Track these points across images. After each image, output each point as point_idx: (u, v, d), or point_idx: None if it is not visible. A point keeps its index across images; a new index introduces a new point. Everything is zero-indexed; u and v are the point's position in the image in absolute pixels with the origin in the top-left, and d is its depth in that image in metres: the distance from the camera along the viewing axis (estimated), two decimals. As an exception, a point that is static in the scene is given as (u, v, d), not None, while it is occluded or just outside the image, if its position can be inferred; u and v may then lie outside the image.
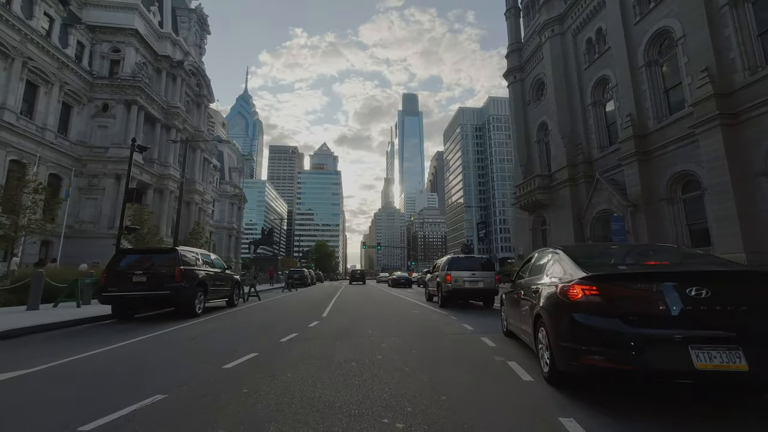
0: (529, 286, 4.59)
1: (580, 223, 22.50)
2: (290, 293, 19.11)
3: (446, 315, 9.59)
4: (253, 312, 9.88)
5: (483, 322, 8.13)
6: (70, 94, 31.59)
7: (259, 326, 7.58)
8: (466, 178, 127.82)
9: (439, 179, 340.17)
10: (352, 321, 8.23)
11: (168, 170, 38.57)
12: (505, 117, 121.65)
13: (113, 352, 5.28)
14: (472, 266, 11.71)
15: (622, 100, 19.56)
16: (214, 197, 77.77)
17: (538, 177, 25.97)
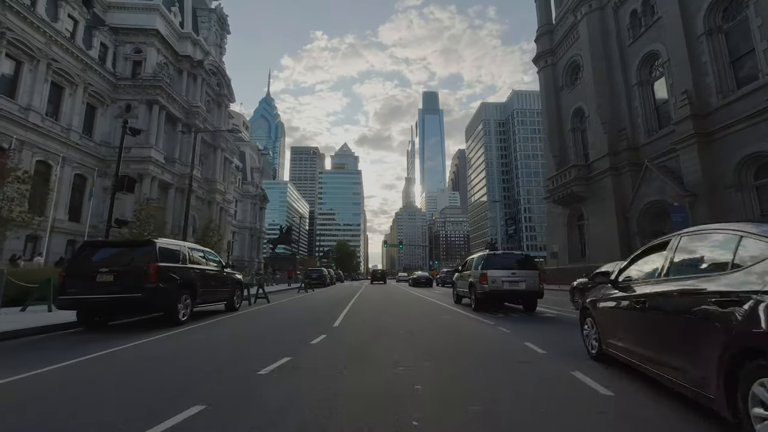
0: (704, 296, 2.45)
1: (625, 217, 20.21)
2: (306, 294, 17.71)
3: (490, 324, 7.67)
4: (253, 319, 8.36)
5: (546, 338, 6.15)
6: (94, 96, 32.00)
7: (246, 342, 5.89)
8: (489, 175, 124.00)
9: (461, 177, 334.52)
10: (370, 334, 6.47)
11: (187, 170, 38.59)
12: (530, 111, 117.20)
13: (32, 380, 3.70)
14: (510, 264, 10.17)
15: (676, 76, 17.21)
16: (237, 198, 78.76)
17: (574, 167, 23.75)
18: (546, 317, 8.98)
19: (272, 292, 17.72)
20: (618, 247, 19.91)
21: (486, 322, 8.02)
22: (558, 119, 28.08)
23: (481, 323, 7.90)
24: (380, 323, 7.73)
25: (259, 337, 6.31)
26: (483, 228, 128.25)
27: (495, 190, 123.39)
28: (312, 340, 5.84)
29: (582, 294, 10.72)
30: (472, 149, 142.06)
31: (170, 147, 37.88)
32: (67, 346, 5.38)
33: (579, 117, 26.13)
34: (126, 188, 11.03)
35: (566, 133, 27.37)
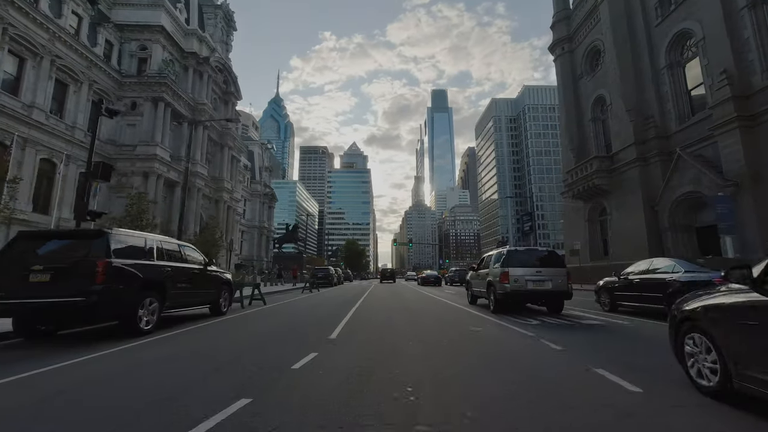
0: None
1: (653, 211, 18.69)
2: (310, 294, 16.54)
3: (529, 336, 6.14)
4: (236, 327, 7.01)
5: (618, 359, 4.52)
6: (100, 93, 31.63)
7: (205, 365, 4.28)
8: (500, 172, 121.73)
9: (471, 175, 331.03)
10: (374, 353, 4.95)
11: (195, 167, 38.12)
12: (541, 106, 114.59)
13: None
14: (534, 261, 9.16)
15: (713, 55, 15.68)
16: (245, 197, 78.66)
17: (596, 159, 22.25)
18: (590, 324, 7.48)
19: (275, 293, 16.79)
20: (646, 243, 18.44)
21: (521, 331, 6.49)
22: (576, 109, 26.56)
23: (517, 334, 6.33)
24: (388, 334, 6.29)
25: (228, 357, 4.67)
26: (494, 226, 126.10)
27: (506, 188, 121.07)
28: (295, 362, 4.30)
29: (610, 294, 9.92)
30: (483, 147, 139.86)
31: (176, 145, 37.47)
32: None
33: (600, 106, 24.59)
34: (101, 176, 10.01)
35: (585, 124, 25.84)
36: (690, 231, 17.13)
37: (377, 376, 3.83)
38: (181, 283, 6.69)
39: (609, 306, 9.81)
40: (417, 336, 6.16)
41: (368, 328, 6.84)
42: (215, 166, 45.54)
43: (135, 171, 32.56)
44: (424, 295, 17.17)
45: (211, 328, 6.84)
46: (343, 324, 7.14)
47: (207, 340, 5.88)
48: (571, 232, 26.56)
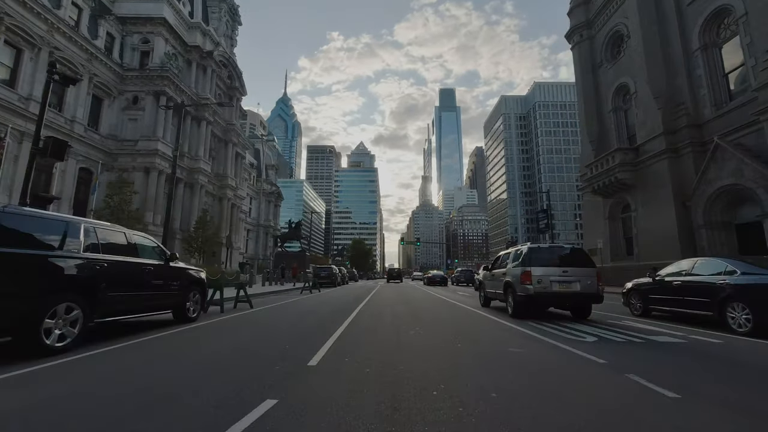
0: None
1: (685, 207, 17.10)
2: (309, 296, 14.98)
3: (588, 359, 4.47)
4: (192, 343, 5.33)
5: (743, 405, 3.00)
6: (101, 87, 30.97)
7: (107, 413, 2.68)
8: (509, 171, 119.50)
9: (479, 175, 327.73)
10: (373, 402, 2.93)
11: (198, 164, 37.38)
12: (552, 104, 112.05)
13: None
14: (559, 260, 8.14)
15: (757, 32, 14.09)
16: (251, 195, 78.13)
17: (618, 152, 20.67)
18: (662, 343, 5.64)
19: (272, 294, 15.63)
20: (677, 241, 16.87)
21: (583, 355, 4.61)
22: (596, 100, 24.96)
23: (580, 360, 4.46)
24: (394, 358, 4.40)
25: (133, 406, 2.79)
26: (503, 226, 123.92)
27: (515, 187, 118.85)
28: (243, 418, 2.52)
29: (642, 297, 8.83)
30: (491, 145, 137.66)
31: (179, 140, 36.73)
32: None
33: (622, 95, 22.99)
34: (52, 154, 8.78)
35: (606, 115, 24.23)
36: (728, 228, 15.53)
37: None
38: (125, 282, 5.24)
39: (640, 310, 8.95)
40: (438, 366, 4.14)
41: (365, 348, 4.98)
42: (219, 162, 44.77)
43: (136, 166, 31.83)
44: (432, 296, 15.90)
45: (156, 345, 5.03)
46: (333, 340, 5.40)
47: (140, 364, 4.06)
48: (590, 231, 24.96)
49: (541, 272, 7.66)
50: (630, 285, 9.48)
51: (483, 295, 11.17)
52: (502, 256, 10.06)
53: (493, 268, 10.28)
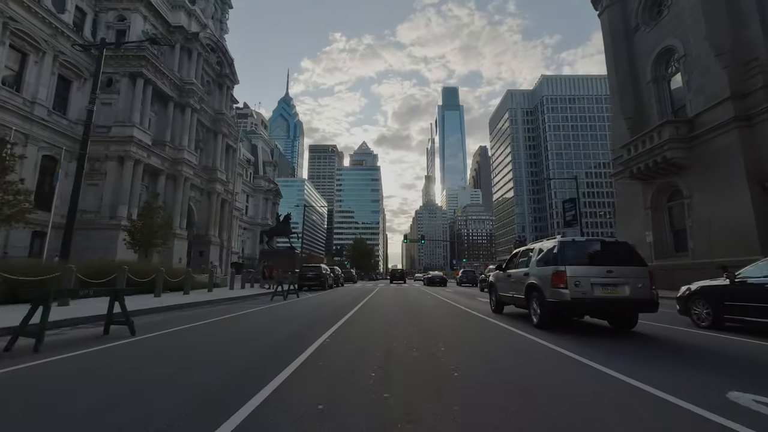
0: None
1: (764, 188, 13.51)
2: (280, 304, 11.12)
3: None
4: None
5: None
6: (69, 67, 27.81)
7: None
8: (516, 168, 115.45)
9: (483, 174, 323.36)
10: None
11: (182, 154, 34.16)
12: (560, 98, 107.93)
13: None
14: (601, 257, 6.53)
15: None
16: (248, 192, 75.11)
17: (668, 125, 17.08)
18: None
19: (234, 300, 12.16)
20: (754, 232, 13.30)
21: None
22: (630, 70, 21.40)
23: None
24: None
25: None
26: (509, 225, 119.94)
27: (522, 184, 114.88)
28: None
29: (714, 304, 6.91)
30: (497, 142, 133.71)
31: (161, 129, 33.56)
32: None
33: (665, 61, 19.44)
34: None
35: (643, 88, 20.67)
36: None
37: None
38: None
39: (709, 320, 7.13)
40: None
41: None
42: (208, 154, 41.61)
43: (109, 155, 28.62)
44: (440, 300, 12.49)
45: None
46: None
47: None
48: (625, 224, 21.35)
49: (580, 272, 6.17)
50: (693, 288, 7.56)
51: (495, 300, 9.56)
52: (520, 252, 8.52)
53: (508, 267, 8.81)
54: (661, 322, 7.77)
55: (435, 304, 11.69)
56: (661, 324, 7.52)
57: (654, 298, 6.20)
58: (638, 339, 5.81)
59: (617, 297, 6.02)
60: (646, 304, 6.14)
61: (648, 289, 6.14)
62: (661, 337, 6.10)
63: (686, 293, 7.68)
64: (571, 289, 6.04)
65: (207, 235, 39.58)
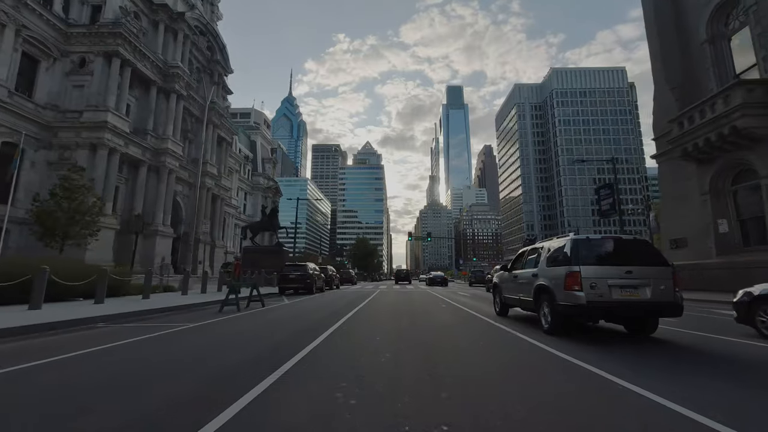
0: None
1: None
2: (232, 317, 8.13)
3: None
4: None
5: None
6: (35, 44, 24.97)
7: None
8: (524, 165, 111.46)
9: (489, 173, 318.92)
10: None
11: (165, 144, 31.26)
12: (571, 91, 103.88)
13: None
14: (619, 256, 5.79)
15: None
16: (246, 190, 72.38)
17: (740, 87, 13.70)
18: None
19: (159, 312, 8.90)
20: None
21: None
22: (677, 30, 18.04)
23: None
24: None
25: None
26: (517, 223, 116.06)
27: (531, 181, 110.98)
28: None
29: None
30: (503, 138, 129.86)
31: (142, 116, 30.71)
32: None
33: (725, 15, 16.06)
34: None
35: (695, 50, 17.31)
36: None
37: None
38: None
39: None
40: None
41: None
42: (197, 146, 38.63)
43: (80, 143, 25.71)
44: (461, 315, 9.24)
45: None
46: None
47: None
48: (672, 214, 17.96)
49: (596, 273, 5.55)
50: (756, 293, 5.99)
51: (499, 301, 9.13)
52: (527, 251, 8.03)
53: (514, 267, 8.31)
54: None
55: (453, 320, 8.39)
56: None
57: (678, 301, 5.62)
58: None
59: (638, 300, 5.53)
60: (669, 308, 5.61)
61: (671, 291, 5.63)
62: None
63: (747, 298, 6.14)
64: (587, 291, 5.54)
65: (195, 233, 36.68)
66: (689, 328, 6.66)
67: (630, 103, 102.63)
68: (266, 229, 24.83)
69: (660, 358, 4.39)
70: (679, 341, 5.56)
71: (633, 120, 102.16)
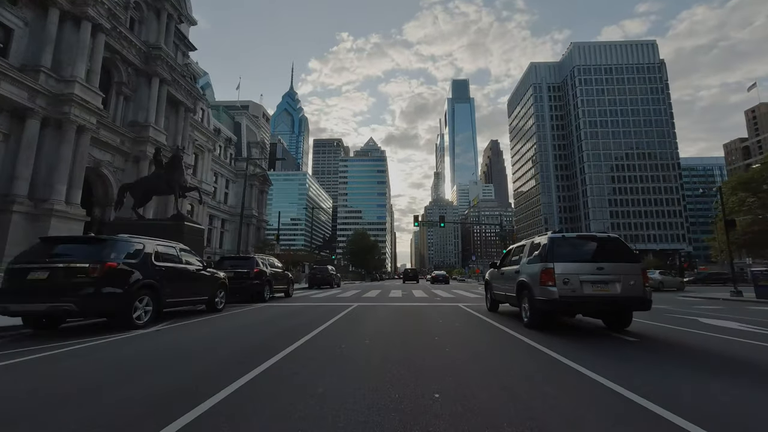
0: None
1: None
2: None
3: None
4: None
5: None
6: None
7: None
8: (541, 151, 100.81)
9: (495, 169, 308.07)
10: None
11: (71, 88, 22.03)
12: (595, 67, 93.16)
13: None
14: (591, 253, 6.29)
15: None
16: (229, 177, 63.36)
17: None
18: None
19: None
20: None
21: None
22: None
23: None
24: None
25: None
26: (534, 216, 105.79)
27: (549, 169, 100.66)
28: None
29: None
30: (517, 125, 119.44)
31: (35, 49, 21.56)
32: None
33: None
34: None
35: None
36: None
37: None
38: None
39: None
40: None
41: None
42: (138, 105, 29.46)
43: None
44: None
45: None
46: None
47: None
48: None
49: (569, 269, 6.04)
50: None
51: (490, 297, 9.58)
52: (513, 249, 8.30)
53: (503, 264, 8.65)
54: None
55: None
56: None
57: (647, 296, 6.00)
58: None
59: (608, 295, 5.92)
60: (638, 302, 5.99)
61: (641, 286, 6.00)
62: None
63: None
64: (560, 286, 5.94)
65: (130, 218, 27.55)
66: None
67: (662, 80, 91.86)
68: (160, 190, 15.12)
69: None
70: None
71: (665, 100, 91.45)
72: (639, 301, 5.91)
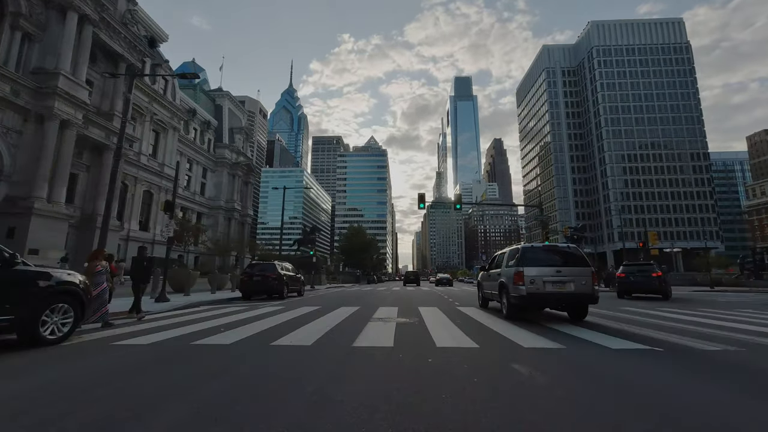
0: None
1: None
2: None
3: None
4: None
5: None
6: None
7: None
8: (556, 140, 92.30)
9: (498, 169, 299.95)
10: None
11: None
12: (616, 48, 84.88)
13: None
14: (554, 260, 7.98)
15: None
16: (208, 166, 55.58)
17: None
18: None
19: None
20: None
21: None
22: None
23: None
24: None
25: None
26: (548, 211, 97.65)
27: (564, 161, 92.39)
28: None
29: None
30: (527, 115, 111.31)
31: None
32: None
33: None
34: None
35: None
36: None
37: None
38: None
39: None
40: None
41: None
42: (45, 47, 21.87)
43: None
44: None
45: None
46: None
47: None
48: None
49: (535, 272, 7.68)
50: None
51: (481, 296, 11.38)
52: (498, 256, 10.00)
53: (491, 267, 10.37)
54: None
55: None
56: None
57: (595, 293, 7.66)
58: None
59: (564, 292, 7.56)
60: (587, 298, 7.65)
61: (590, 285, 7.62)
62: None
63: None
64: (527, 286, 7.56)
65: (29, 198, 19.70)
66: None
67: (690, 62, 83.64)
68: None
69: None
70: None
71: (693, 83, 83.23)
72: (589, 297, 7.65)
